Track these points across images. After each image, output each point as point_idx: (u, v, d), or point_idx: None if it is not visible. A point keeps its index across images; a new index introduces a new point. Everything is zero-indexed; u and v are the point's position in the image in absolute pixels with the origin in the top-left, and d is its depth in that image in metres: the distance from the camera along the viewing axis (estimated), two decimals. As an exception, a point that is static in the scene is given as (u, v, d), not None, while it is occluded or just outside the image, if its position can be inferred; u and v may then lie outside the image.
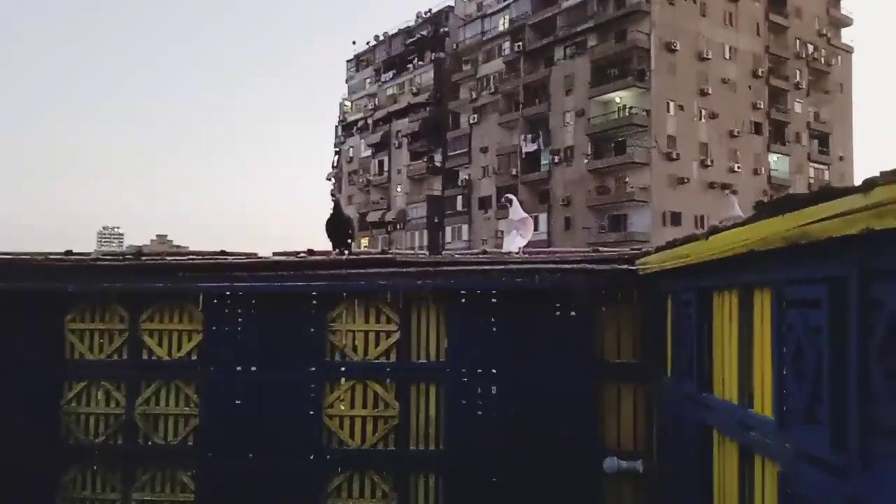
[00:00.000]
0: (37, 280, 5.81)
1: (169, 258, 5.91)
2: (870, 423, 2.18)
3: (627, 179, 47.49)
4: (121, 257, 6.04)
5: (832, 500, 2.40)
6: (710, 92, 49.00)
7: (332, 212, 5.87)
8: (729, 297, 3.54)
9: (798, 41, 55.91)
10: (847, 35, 61.00)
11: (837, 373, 2.35)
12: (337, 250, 5.91)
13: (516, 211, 6.37)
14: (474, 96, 58.98)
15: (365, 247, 53.56)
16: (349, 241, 5.95)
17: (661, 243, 5.78)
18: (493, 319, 5.63)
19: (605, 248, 6.52)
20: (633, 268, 5.15)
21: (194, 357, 5.81)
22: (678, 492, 4.33)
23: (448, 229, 60.30)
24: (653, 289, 4.99)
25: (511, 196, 6.81)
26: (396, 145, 66.23)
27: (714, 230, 3.39)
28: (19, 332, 5.93)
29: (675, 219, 44.44)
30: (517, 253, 5.83)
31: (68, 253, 6.23)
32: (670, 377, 4.57)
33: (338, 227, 5.91)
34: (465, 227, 58.74)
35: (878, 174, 1.86)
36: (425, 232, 61.00)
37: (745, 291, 3.32)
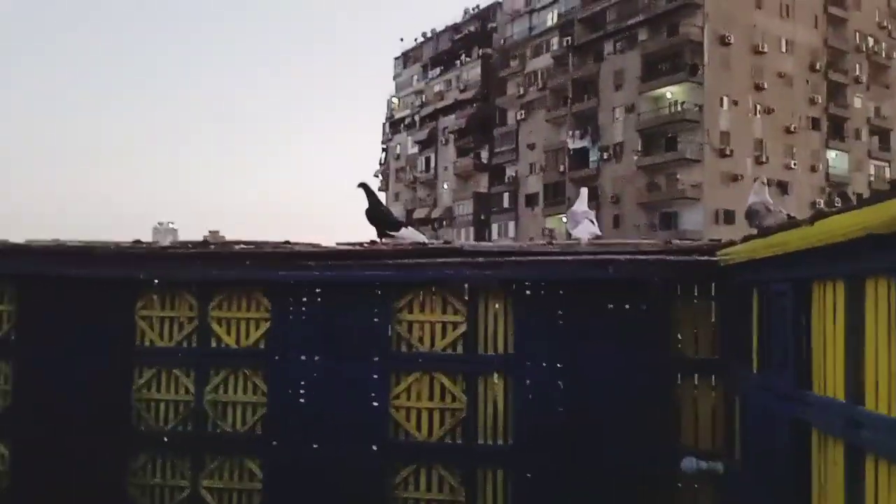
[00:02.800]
0: (108, 267, 5.88)
1: (236, 247, 5.91)
2: None
3: (679, 176, 46.61)
4: (189, 245, 6.08)
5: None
6: (765, 86, 47.74)
7: (368, 200, 5.94)
8: (833, 288, 3.33)
9: (858, 34, 54.01)
10: (909, 27, 58.64)
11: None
12: (383, 238, 5.91)
13: (582, 202, 6.25)
14: (522, 92, 58.62)
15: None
16: (394, 225, 5.99)
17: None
18: (562, 311, 5.49)
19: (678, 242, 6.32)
20: (714, 259, 4.96)
21: (262, 346, 5.81)
22: (768, 493, 4.12)
23: (494, 226, 60.11)
24: (736, 280, 4.78)
25: (584, 188, 6.76)
26: (443, 142, 66.27)
27: (820, 214, 3.19)
28: (91, 319, 6.01)
29: (729, 216, 43.33)
30: (586, 241, 5.69)
31: (137, 242, 6.31)
32: (757, 373, 4.37)
33: (376, 214, 5.97)
34: (511, 224, 58.47)
35: None
36: (472, 229, 60.87)
37: (854, 281, 3.11)
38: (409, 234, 6.21)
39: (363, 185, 6.03)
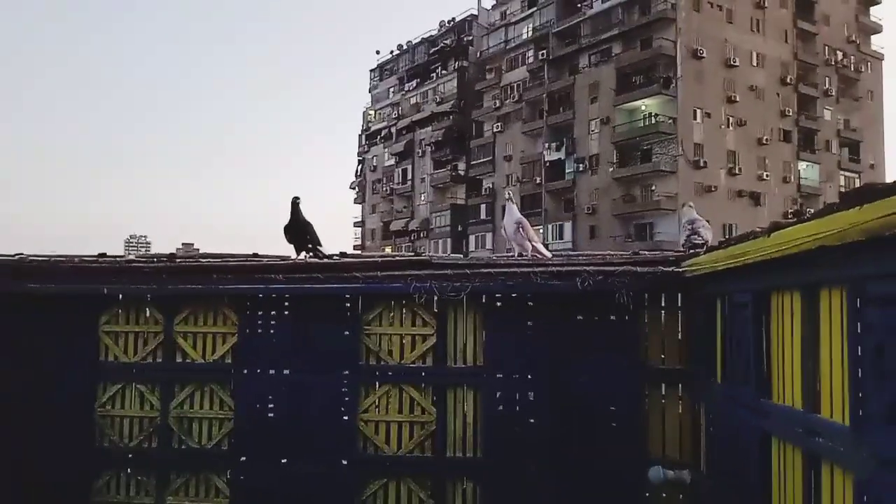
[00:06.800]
0: (70, 282, 5.79)
1: (203, 260, 5.85)
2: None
3: (654, 188, 46.96)
4: (154, 259, 6.00)
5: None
6: (737, 99, 48.36)
7: (290, 216, 5.79)
8: (790, 298, 3.37)
9: (827, 48, 55.03)
10: (877, 42, 59.95)
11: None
12: (301, 255, 5.85)
13: (514, 211, 6.20)
14: (498, 105, 58.82)
15: (389, 255, 53.35)
16: (311, 245, 5.84)
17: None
18: (531, 323, 5.50)
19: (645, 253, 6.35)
20: (679, 270, 5.00)
21: (228, 360, 5.74)
22: (734, 502, 4.15)
23: (472, 238, 60.05)
24: (700, 291, 4.83)
25: (510, 191, 6.64)
26: (420, 154, 66.23)
27: (776, 226, 3.24)
28: (53, 334, 5.91)
29: (703, 227, 43.70)
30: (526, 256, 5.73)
31: (101, 255, 6.21)
32: (721, 383, 4.40)
33: (296, 231, 5.84)
34: (489, 236, 58.44)
35: None
36: (449, 240, 60.76)
37: (809, 291, 3.15)
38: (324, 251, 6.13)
39: (294, 200, 5.87)
